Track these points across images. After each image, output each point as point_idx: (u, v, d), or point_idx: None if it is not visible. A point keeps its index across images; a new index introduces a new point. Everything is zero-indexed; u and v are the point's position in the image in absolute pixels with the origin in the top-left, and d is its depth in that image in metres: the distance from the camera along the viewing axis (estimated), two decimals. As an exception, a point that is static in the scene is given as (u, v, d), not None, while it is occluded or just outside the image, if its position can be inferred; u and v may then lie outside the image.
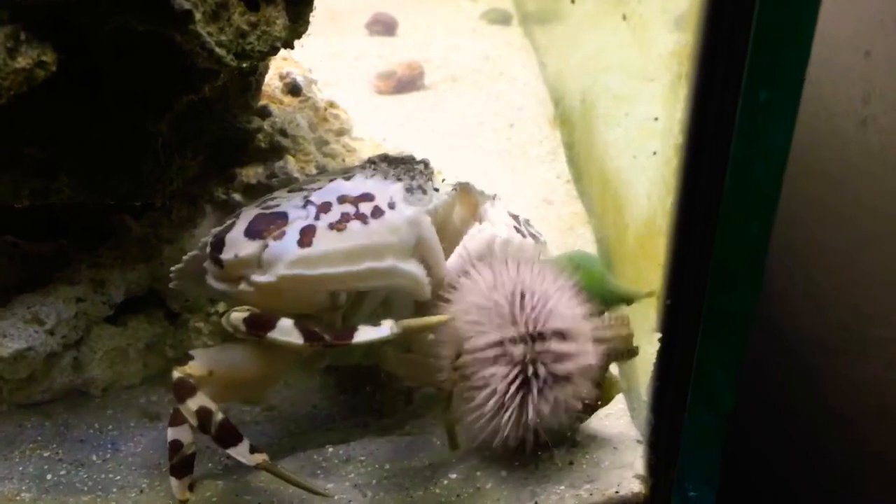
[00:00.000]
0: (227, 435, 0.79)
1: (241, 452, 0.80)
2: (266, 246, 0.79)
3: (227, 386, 0.83)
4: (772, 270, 1.05)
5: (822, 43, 0.83)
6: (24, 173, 0.80)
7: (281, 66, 1.15)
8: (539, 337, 0.78)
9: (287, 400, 1.04)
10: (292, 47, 0.82)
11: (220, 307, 1.07)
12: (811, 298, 1.17)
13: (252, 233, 0.80)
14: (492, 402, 0.78)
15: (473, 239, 0.87)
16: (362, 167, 0.89)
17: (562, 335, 0.79)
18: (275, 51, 0.78)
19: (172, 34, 0.71)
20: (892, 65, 0.98)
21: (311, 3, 0.81)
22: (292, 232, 0.79)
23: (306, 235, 0.78)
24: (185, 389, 0.79)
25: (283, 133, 1.06)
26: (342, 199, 0.82)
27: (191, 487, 0.86)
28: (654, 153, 0.69)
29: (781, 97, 0.62)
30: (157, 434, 0.97)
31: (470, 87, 1.88)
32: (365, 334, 0.77)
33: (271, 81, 1.12)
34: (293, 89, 1.12)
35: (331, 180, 0.87)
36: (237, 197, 1.04)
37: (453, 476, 0.89)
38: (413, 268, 0.81)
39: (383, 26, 2.20)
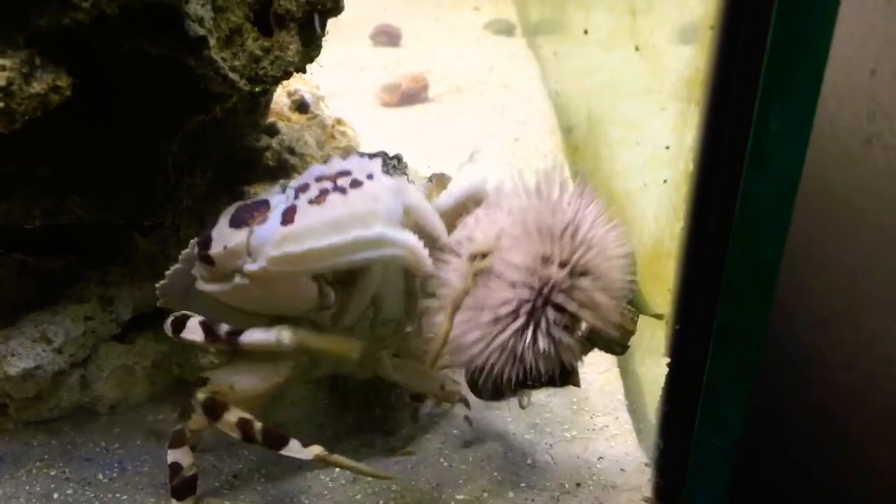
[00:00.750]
0: (275, 438, 0.80)
1: (294, 450, 0.80)
2: (252, 232, 0.78)
3: (241, 400, 0.83)
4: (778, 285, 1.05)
5: (828, 61, 0.83)
6: (36, 193, 0.81)
7: (289, 83, 1.15)
8: (572, 272, 0.73)
9: (293, 418, 1.04)
10: (304, 71, 0.82)
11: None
12: (815, 314, 1.17)
13: (237, 222, 0.79)
14: (493, 322, 0.74)
15: (464, 181, 0.85)
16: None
17: (595, 279, 0.74)
18: (288, 75, 0.78)
19: (187, 59, 0.71)
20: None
21: (324, 29, 0.81)
22: (275, 215, 0.78)
23: (288, 214, 0.77)
24: (218, 406, 0.80)
25: (291, 151, 1.06)
26: (320, 178, 0.80)
27: None
28: (665, 181, 0.69)
29: (793, 127, 0.62)
30: (163, 453, 0.96)
31: (475, 98, 1.89)
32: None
33: (279, 99, 1.12)
34: (301, 107, 1.13)
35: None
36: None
37: (460, 497, 0.89)
38: (406, 236, 0.77)
39: (388, 37, 2.21)
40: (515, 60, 2.12)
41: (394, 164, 0.83)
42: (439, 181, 0.89)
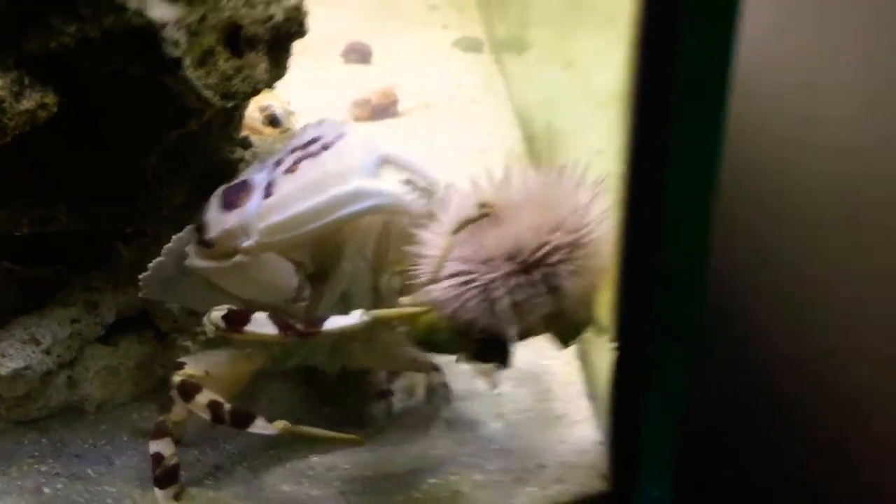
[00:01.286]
0: (242, 417, 0.84)
1: (260, 427, 0.84)
2: (243, 212, 0.83)
3: (216, 385, 0.88)
4: (727, 282, 1.13)
5: (764, 70, 0.90)
6: (25, 203, 0.87)
7: (261, 98, 1.22)
8: (572, 245, 0.75)
9: (270, 413, 1.09)
10: (272, 87, 0.89)
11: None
12: (763, 308, 1.25)
13: (228, 205, 0.85)
14: (483, 262, 0.74)
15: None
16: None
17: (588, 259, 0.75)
18: (257, 92, 0.85)
19: (164, 78, 0.78)
20: (830, 91, 1.06)
21: (289, 50, 0.88)
22: (258, 192, 0.83)
23: (268, 189, 0.83)
24: (191, 387, 0.85)
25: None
26: (293, 150, 0.85)
27: (177, 497, 0.91)
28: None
29: (704, 132, 0.70)
30: (148, 449, 1.03)
31: (443, 113, 1.96)
32: (335, 322, 0.79)
33: (252, 114, 1.19)
34: (272, 121, 1.19)
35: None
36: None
37: (432, 481, 0.96)
38: (384, 185, 0.80)
39: (359, 55, 2.27)
40: (483, 76, 2.20)
41: None
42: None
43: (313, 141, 0.85)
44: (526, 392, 1.14)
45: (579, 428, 1.06)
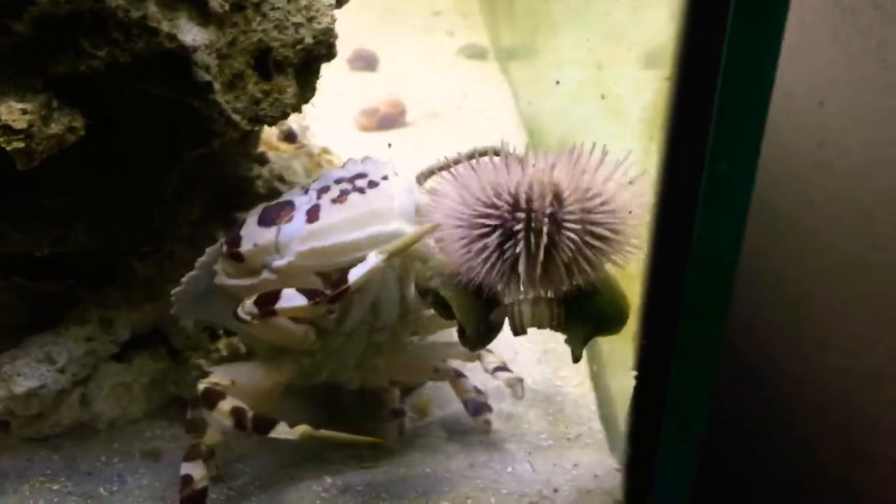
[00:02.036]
0: (264, 423, 0.85)
1: (282, 432, 0.85)
2: (280, 230, 0.85)
3: (243, 396, 0.88)
4: (738, 302, 1.13)
5: (781, 94, 0.91)
6: (45, 223, 0.86)
7: (277, 112, 1.21)
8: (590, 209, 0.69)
9: (282, 432, 1.09)
10: (300, 111, 0.89)
11: (220, 344, 1.13)
12: (771, 329, 1.25)
13: (266, 221, 0.87)
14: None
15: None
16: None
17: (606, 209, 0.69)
18: (285, 116, 0.84)
19: (192, 101, 0.77)
20: (843, 114, 1.07)
21: (318, 73, 0.88)
22: (300, 214, 0.86)
23: (313, 213, 0.85)
24: (214, 395, 0.85)
25: (281, 179, 1.12)
26: (339, 181, 0.88)
27: None
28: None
29: (741, 170, 0.70)
30: (160, 467, 1.02)
31: (451, 123, 1.96)
32: (357, 273, 0.79)
33: (268, 129, 1.18)
34: (289, 136, 1.19)
35: None
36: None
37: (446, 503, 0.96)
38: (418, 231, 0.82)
39: (364, 62, 2.27)
40: (488, 85, 2.20)
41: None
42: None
43: (359, 176, 0.87)
44: (539, 413, 1.14)
45: (593, 451, 1.06)
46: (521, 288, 0.74)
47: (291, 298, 0.81)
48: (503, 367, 1.05)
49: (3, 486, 0.97)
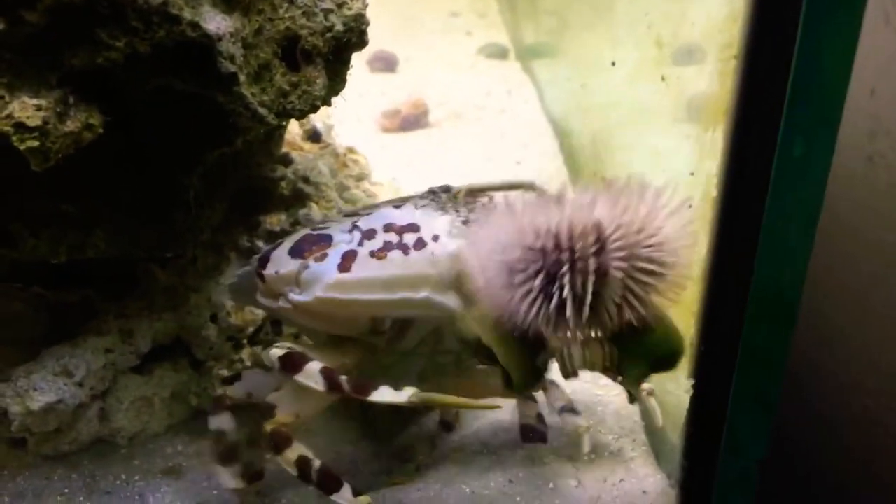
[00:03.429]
0: (330, 481, 0.81)
1: (344, 497, 0.80)
2: (307, 266, 0.81)
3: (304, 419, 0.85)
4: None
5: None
6: (62, 228, 0.81)
7: (300, 112, 1.16)
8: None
9: (314, 444, 1.04)
10: (330, 104, 0.84)
11: (244, 354, 1.08)
12: (819, 333, 1.19)
13: (296, 252, 0.82)
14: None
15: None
16: (421, 196, 0.90)
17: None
18: (315, 109, 0.79)
19: (216, 95, 0.72)
20: (896, 103, 1.01)
21: (349, 63, 0.82)
22: (334, 255, 0.80)
23: (347, 260, 0.80)
24: (281, 439, 0.81)
25: (306, 180, 1.07)
26: (388, 228, 0.82)
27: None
28: (689, 206, 0.71)
29: (817, 151, 0.64)
30: (183, 484, 0.97)
31: (474, 123, 1.91)
32: (382, 395, 0.77)
33: (291, 128, 1.13)
34: (313, 136, 1.14)
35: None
36: (261, 244, 1.05)
37: (486, 523, 0.90)
38: (450, 301, 0.79)
39: (384, 63, 2.23)
40: (511, 84, 2.15)
41: (445, 196, 0.86)
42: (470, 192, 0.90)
43: (411, 228, 0.81)
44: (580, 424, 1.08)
45: (638, 465, 1.00)
46: (570, 331, 0.69)
47: (312, 377, 0.78)
48: (571, 409, 0.96)
49: (20, 507, 0.93)
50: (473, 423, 1.08)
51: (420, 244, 0.79)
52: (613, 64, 1.10)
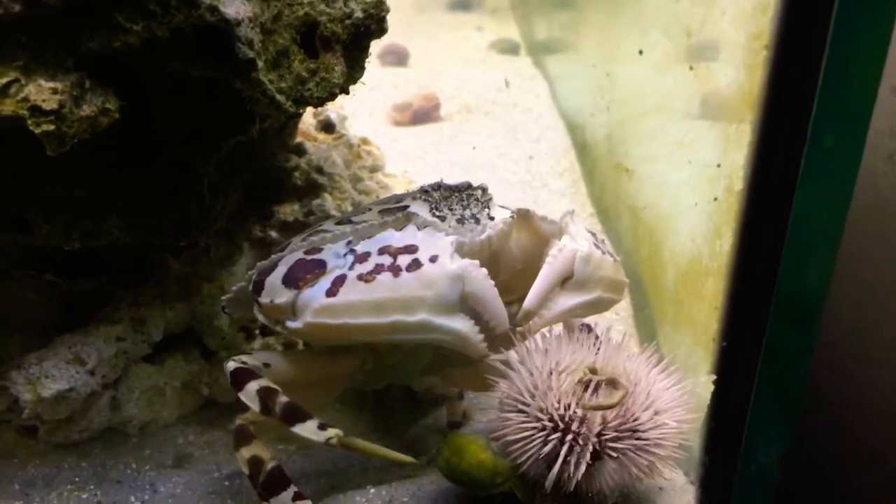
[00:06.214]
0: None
1: (309, 430, 0.78)
2: (299, 294, 0.79)
3: (286, 384, 0.83)
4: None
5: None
6: (76, 215, 0.80)
7: (314, 102, 1.15)
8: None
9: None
10: (348, 92, 0.83)
11: (256, 344, 1.07)
12: (838, 328, 1.18)
13: (289, 281, 0.80)
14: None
15: (556, 260, 0.82)
16: (414, 196, 0.87)
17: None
18: (333, 97, 0.78)
19: (233, 81, 0.71)
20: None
21: (367, 50, 0.81)
22: (325, 281, 0.78)
23: (335, 285, 0.77)
24: (243, 436, 0.82)
25: (320, 171, 1.06)
26: (383, 250, 0.78)
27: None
28: (716, 199, 0.69)
29: (847, 142, 0.63)
30: (194, 475, 0.96)
31: (485, 117, 1.90)
32: (304, 429, 0.78)
33: (305, 118, 1.12)
34: (327, 126, 1.13)
35: (382, 223, 0.85)
36: (274, 234, 1.04)
37: (500, 514, 0.89)
38: (456, 323, 0.77)
39: (395, 57, 2.22)
40: (522, 79, 2.14)
41: (476, 197, 0.84)
42: (523, 218, 0.87)
43: (408, 249, 0.77)
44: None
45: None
46: None
47: (250, 398, 0.79)
48: None
49: (30, 495, 0.92)
50: (482, 417, 1.07)
51: (414, 266, 0.76)
52: (641, 53, 1.08)
